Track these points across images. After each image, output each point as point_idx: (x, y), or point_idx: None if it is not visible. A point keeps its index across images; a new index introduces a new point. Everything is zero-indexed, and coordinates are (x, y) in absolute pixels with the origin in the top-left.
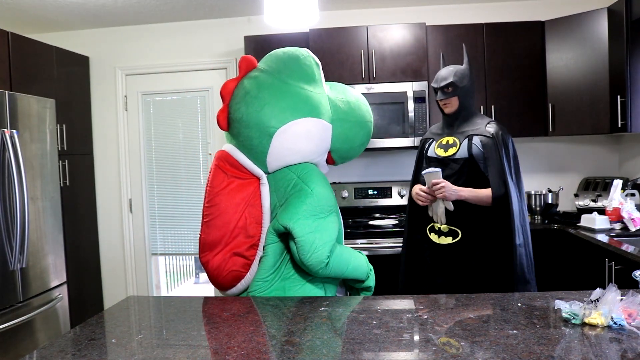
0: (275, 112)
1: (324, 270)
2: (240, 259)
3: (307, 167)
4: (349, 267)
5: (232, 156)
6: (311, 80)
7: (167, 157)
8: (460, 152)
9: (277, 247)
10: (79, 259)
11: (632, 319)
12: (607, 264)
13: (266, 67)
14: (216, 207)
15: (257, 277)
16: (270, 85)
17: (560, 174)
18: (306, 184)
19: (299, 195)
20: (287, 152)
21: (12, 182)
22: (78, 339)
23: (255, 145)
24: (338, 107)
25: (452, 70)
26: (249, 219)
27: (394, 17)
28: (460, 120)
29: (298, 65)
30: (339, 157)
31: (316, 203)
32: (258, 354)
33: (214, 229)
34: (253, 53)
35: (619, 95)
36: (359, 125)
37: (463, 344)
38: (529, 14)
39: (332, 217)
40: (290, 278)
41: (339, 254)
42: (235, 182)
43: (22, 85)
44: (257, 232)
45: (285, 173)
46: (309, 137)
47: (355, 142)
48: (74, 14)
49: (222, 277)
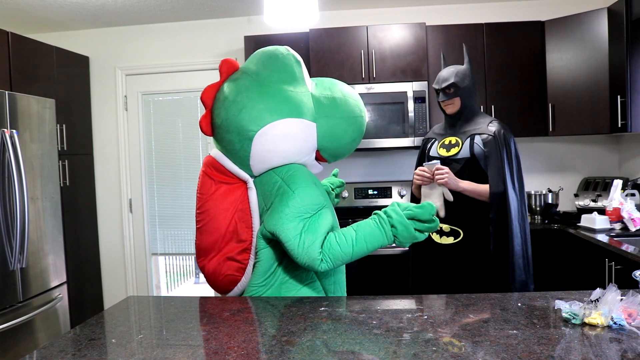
0: (253, 114)
1: (325, 265)
2: (234, 263)
3: (291, 168)
4: (355, 248)
5: (218, 161)
6: (291, 79)
7: (167, 157)
8: (463, 152)
9: (268, 252)
10: (79, 259)
11: (632, 319)
12: (607, 264)
13: (245, 69)
14: (206, 213)
15: (252, 282)
16: (247, 87)
17: (560, 174)
18: (289, 186)
19: (282, 199)
20: (270, 155)
21: (12, 182)
22: (78, 339)
23: (237, 149)
24: (322, 104)
25: (453, 71)
26: (239, 223)
27: (394, 17)
28: (463, 121)
29: (276, 65)
30: (329, 155)
31: (299, 204)
32: (258, 354)
33: (206, 235)
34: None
35: (619, 95)
36: (347, 122)
37: (463, 344)
38: (529, 14)
39: (321, 213)
40: (286, 283)
41: (335, 243)
42: (222, 187)
43: (22, 85)
44: (248, 237)
45: (271, 176)
46: (290, 138)
47: (345, 139)
48: (74, 14)
49: (218, 281)
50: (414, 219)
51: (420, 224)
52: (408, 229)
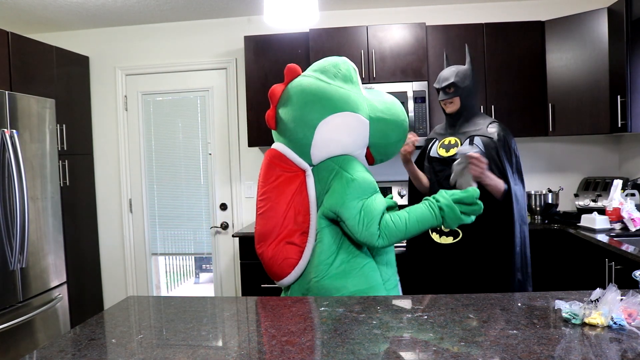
0: (317, 107)
1: (381, 241)
2: (293, 247)
3: (347, 157)
4: (409, 226)
5: (281, 152)
6: (349, 82)
7: (167, 157)
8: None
9: (329, 231)
10: (79, 259)
11: (632, 319)
12: (607, 264)
13: (308, 73)
14: (268, 199)
15: (318, 261)
16: (311, 85)
17: (560, 174)
18: (347, 171)
19: (341, 182)
20: (329, 143)
21: (12, 182)
22: (78, 339)
23: (300, 138)
24: (374, 106)
25: (454, 71)
26: (298, 208)
27: (394, 17)
28: (462, 121)
29: (337, 68)
30: (377, 153)
31: (358, 186)
32: (258, 354)
33: (267, 220)
34: (253, 53)
35: (619, 95)
36: (394, 123)
37: (463, 344)
38: (529, 14)
39: (376, 196)
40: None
41: (390, 222)
42: (283, 176)
43: (22, 85)
44: (306, 220)
45: (328, 164)
46: (349, 130)
47: (392, 138)
48: (74, 14)
49: (277, 266)
50: (459, 203)
51: (466, 207)
52: (454, 211)
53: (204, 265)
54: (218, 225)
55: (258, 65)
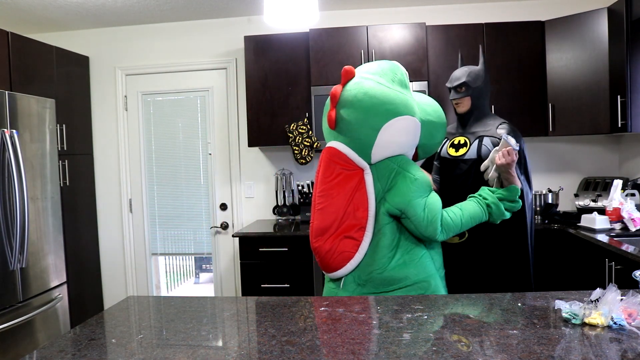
0: (381, 111)
1: (442, 235)
2: (350, 241)
3: (404, 158)
4: (463, 222)
5: (340, 151)
6: (404, 86)
7: (167, 157)
8: (470, 152)
9: (391, 226)
10: (79, 259)
11: (632, 319)
12: (607, 264)
13: (366, 75)
14: (328, 195)
15: (381, 254)
16: (374, 88)
17: (560, 174)
18: (408, 171)
19: (405, 181)
20: (390, 144)
21: (12, 182)
22: (78, 339)
23: (363, 139)
24: (424, 109)
25: (466, 71)
26: (357, 205)
27: (394, 17)
28: (473, 121)
29: (395, 73)
30: (423, 152)
31: (420, 186)
32: (258, 354)
33: (327, 215)
34: (253, 53)
35: (619, 95)
36: (440, 124)
37: (463, 344)
38: (529, 14)
39: (433, 193)
40: (409, 252)
41: (448, 217)
42: (343, 174)
43: (22, 85)
44: (364, 216)
45: (387, 164)
46: (407, 132)
47: (437, 139)
48: (74, 14)
49: (333, 259)
50: (502, 200)
51: (508, 204)
52: (499, 207)
53: (204, 265)
54: (218, 225)
55: (258, 65)
